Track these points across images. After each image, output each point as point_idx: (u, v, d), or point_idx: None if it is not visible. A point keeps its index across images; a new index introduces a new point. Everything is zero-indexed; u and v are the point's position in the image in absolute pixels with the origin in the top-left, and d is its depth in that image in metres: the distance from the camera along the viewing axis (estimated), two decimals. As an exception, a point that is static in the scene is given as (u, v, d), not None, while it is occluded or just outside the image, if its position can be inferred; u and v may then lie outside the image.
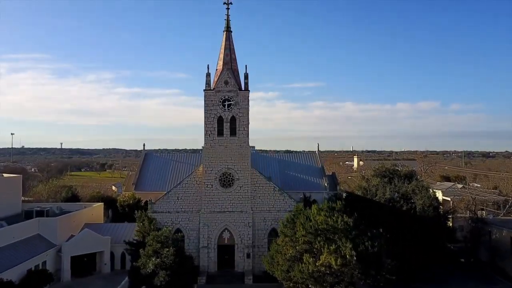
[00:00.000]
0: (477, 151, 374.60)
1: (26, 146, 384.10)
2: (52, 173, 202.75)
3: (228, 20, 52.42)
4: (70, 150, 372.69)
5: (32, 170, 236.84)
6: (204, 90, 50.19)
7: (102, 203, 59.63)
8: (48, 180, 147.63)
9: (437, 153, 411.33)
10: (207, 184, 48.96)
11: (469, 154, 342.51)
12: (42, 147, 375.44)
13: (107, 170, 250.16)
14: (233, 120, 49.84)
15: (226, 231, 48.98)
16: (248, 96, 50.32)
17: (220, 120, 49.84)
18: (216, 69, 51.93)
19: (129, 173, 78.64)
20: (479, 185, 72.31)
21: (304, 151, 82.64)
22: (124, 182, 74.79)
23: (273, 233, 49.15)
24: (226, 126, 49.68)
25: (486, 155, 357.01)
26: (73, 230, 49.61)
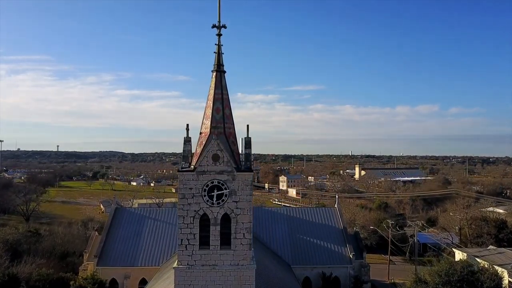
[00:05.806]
0: (477, 156, 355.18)
1: (22, 149, 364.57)
2: (41, 184, 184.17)
3: (219, 54, 30.12)
4: (66, 153, 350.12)
5: (22, 179, 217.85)
6: (178, 170, 28.99)
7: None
8: (27, 202, 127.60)
9: (436, 158, 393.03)
10: (182, 333, 27.87)
11: (469, 160, 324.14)
12: (38, 150, 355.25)
13: (100, 179, 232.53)
14: (226, 220, 28.36)
15: None
16: (251, 180, 29.06)
17: (204, 221, 28.46)
18: (201, 133, 30.06)
19: (95, 234, 58.01)
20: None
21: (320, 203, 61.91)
22: (87, 248, 54.87)
23: None
24: (215, 231, 28.23)
25: (486, 160, 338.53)
26: None
